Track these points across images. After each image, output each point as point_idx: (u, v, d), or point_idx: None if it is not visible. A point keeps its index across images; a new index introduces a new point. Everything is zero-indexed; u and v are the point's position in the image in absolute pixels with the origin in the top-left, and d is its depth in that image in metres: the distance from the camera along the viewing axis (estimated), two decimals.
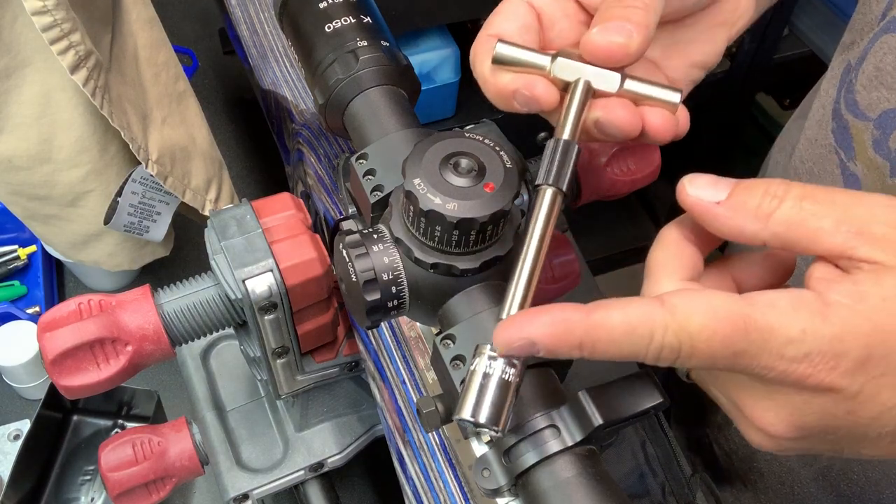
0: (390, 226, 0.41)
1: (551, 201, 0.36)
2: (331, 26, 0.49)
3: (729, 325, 0.30)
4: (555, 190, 0.36)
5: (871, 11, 0.54)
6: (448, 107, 1.17)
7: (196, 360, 0.66)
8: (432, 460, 0.50)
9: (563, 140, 0.37)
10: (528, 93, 0.38)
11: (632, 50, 0.36)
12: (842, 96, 0.54)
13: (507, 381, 0.34)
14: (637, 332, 0.30)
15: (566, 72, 0.38)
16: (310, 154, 0.64)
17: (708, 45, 0.43)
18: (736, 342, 0.30)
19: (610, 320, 0.31)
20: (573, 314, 0.31)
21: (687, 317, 0.30)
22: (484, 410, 0.33)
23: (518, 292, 0.35)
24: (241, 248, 0.48)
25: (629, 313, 0.31)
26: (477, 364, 0.34)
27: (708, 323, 0.30)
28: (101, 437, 0.82)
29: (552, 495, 0.36)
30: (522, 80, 0.38)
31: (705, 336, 0.30)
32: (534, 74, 0.38)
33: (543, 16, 0.41)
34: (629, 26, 0.36)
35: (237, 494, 0.61)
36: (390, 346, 0.54)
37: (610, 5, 0.37)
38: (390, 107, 0.47)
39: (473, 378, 0.34)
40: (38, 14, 0.57)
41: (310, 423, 0.64)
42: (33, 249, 0.91)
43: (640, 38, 0.36)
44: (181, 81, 0.76)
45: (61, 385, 0.47)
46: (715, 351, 0.30)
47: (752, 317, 0.30)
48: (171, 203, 0.78)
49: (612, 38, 0.36)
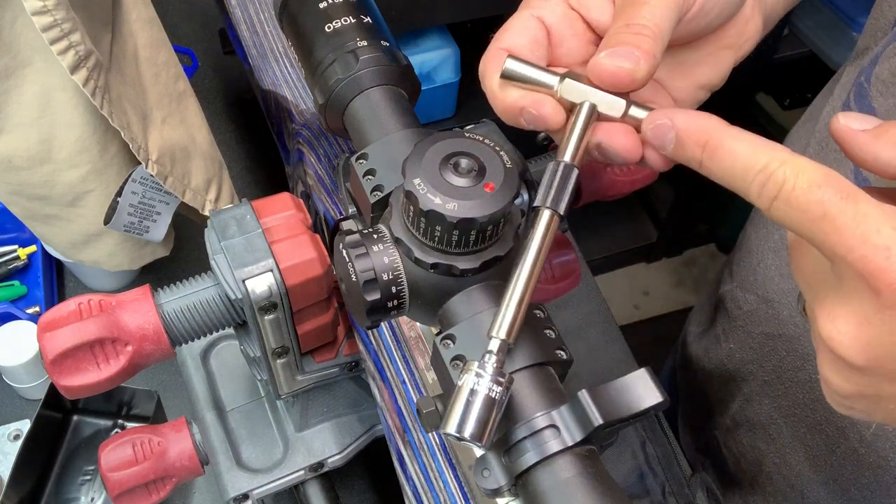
0: (390, 226, 0.41)
1: (547, 223, 0.37)
2: (331, 26, 0.49)
3: (836, 190, 0.31)
4: (552, 212, 0.37)
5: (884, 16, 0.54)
6: (448, 107, 1.17)
7: (196, 360, 0.66)
8: (432, 460, 0.50)
9: (564, 163, 0.38)
10: (535, 112, 0.39)
11: (638, 76, 0.37)
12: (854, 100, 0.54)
13: (493, 398, 0.35)
14: (758, 153, 0.32)
15: (573, 94, 0.39)
16: (310, 154, 0.64)
17: (714, 67, 0.44)
18: (833, 204, 0.30)
19: (742, 135, 0.33)
20: (714, 119, 0.34)
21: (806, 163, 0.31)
22: (469, 426, 0.34)
23: (509, 311, 0.36)
24: (241, 248, 0.48)
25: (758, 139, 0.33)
26: (464, 380, 0.35)
27: (819, 176, 0.31)
28: (101, 437, 0.82)
29: (552, 495, 0.36)
30: (531, 98, 0.39)
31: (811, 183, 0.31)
32: (541, 93, 0.39)
33: (552, 33, 0.41)
34: (637, 53, 0.36)
35: (237, 494, 0.61)
36: (390, 346, 0.54)
37: (618, 30, 0.37)
38: (390, 107, 0.47)
39: (460, 394, 0.35)
40: (38, 14, 0.57)
41: (310, 423, 0.64)
42: (33, 249, 0.91)
43: (647, 66, 0.37)
44: (181, 81, 0.76)
45: (61, 385, 0.47)
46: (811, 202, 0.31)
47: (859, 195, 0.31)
48: (171, 203, 0.78)
49: (620, 62, 0.37)
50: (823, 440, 0.62)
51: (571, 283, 0.60)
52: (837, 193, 0.30)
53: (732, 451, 0.75)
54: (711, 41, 0.43)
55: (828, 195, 0.30)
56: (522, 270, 0.37)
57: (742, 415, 0.73)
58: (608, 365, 0.94)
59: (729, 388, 0.74)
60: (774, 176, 0.31)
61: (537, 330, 0.40)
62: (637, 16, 0.37)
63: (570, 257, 0.59)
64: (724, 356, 0.74)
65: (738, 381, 0.72)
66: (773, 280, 0.66)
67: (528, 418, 0.37)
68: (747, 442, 0.72)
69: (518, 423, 0.37)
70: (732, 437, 0.75)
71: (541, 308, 0.42)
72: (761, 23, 0.44)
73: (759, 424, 0.70)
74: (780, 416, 0.67)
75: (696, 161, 0.34)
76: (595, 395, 0.36)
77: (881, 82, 0.51)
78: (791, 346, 0.64)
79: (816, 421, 0.63)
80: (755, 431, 0.71)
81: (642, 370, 0.37)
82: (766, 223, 0.70)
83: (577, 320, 0.95)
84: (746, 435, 0.72)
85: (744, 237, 0.74)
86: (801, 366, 0.63)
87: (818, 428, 0.62)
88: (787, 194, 0.31)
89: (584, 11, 0.41)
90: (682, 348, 0.86)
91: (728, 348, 0.74)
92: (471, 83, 1.16)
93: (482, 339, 0.39)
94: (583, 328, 0.95)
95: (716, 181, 0.34)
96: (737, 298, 0.72)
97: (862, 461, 0.59)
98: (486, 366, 0.36)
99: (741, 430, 0.73)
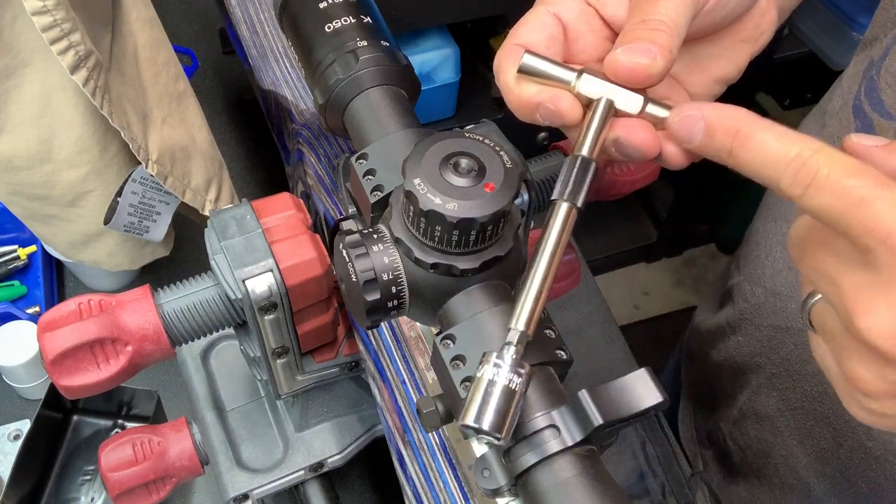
0: (390, 226, 0.41)
1: (566, 216, 0.37)
2: (331, 26, 0.49)
3: (871, 177, 0.30)
4: (570, 205, 0.37)
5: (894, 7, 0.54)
6: (448, 107, 1.17)
7: (196, 360, 0.66)
8: (432, 460, 0.50)
9: (583, 157, 0.38)
10: (552, 107, 0.39)
11: (654, 72, 0.37)
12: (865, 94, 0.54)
13: (513, 389, 0.34)
14: (789, 141, 0.32)
15: (590, 89, 0.38)
16: (310, 154, 0.64)
17: (731, 61, 0.43)
18: (869, 190, 0.30)
19: (773, 126, 0.33)
20: (743, 111, 0.34)
21: (838, 153, 0.31)
22: (487, 417, 0.34)
23: (528, 302, 0.36)
24: (241, 248, 0.48)
25: (788, 130, 0.33)
26: (483, 371, 0.35)
27: (853, 165, 0.31)
28: (101, 437, 0.82)
29: (552, 495, 0.36)
30: (548, 93, 0.39)
31: (845, 172, 0.30)
32: (558, 88, 0.39)
33: (569, 29, 0.41)
34: (654, 48, 0.36)
35: (237, 494, 0.61)
36: (390, 346, 0.54)
37: (634, 26, 0.37)
38: (390, 107, 0.47)
39: (479, 385, 0.35)
40: (38, 14, 0.57)
41: (310, 423, 0.64)
42: (33, 249, 0.91)
43: (663, 62, 0.37)
44: (181, 81, 0.76)
45: (61, 385, 0.47)
46: (847, 188, 0.30)
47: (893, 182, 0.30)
48: (171, 203, 0.78)
49: (636, 58, 0.37)
50: (831, 433, 0.62)
51: (571, 283, 0.60)
52: (873, 180, 0.30)
53: (738, 443, 0.75)
54: (728, 35, 0.43)
55: (863, 182, 0.30)
56: (541, 263, 0.36)
57: (749, 407, 0.73)
58: (608, 365, 0.94)
59: (737, 381, 0.74)
60: (808, 164, 0.31)
61: (537, 330, 0.40)
62: (653, 11, 0.37)
63: (570, 257, 0.59)
64: (733, 349, 0.74)
65: (747, 374, 0.72)
66: (781, 273, 0.66)
67: (528, 418, 0.37)
68: (754, 434, 0.72)
69: (518, 423, 0.37)
70: (739, 428, 0.75)
71: None
72: (776, 15, 0.44)
73: (766, 416, 0.70)
74: (787, 408, 0.67)
75: (726, 151, 0.34)
76: (595, 395, 0.36)
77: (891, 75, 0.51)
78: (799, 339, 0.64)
79: (824, 414, 0.62)
80: (762, 423, 0.71)
81: (642, 370, 0.37)
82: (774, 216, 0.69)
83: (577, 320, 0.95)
84: (753, 427, 0.73)
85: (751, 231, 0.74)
86: (808, 358, 0.63)
87: (825, 421, 0.62)
88: (821, 181, 0.31)
89: (600, 7, 0.41)
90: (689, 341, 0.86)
91: (736, 341, 0.74)
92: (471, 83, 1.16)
93: (482, 339, 0.39)
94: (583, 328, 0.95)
95: (743, 172, 0.34)
96: (744, 292, 0.72)
97: (870, 454, 0.58)
98: (505, 356, 0.35)
99: (748, 421, 0.73)
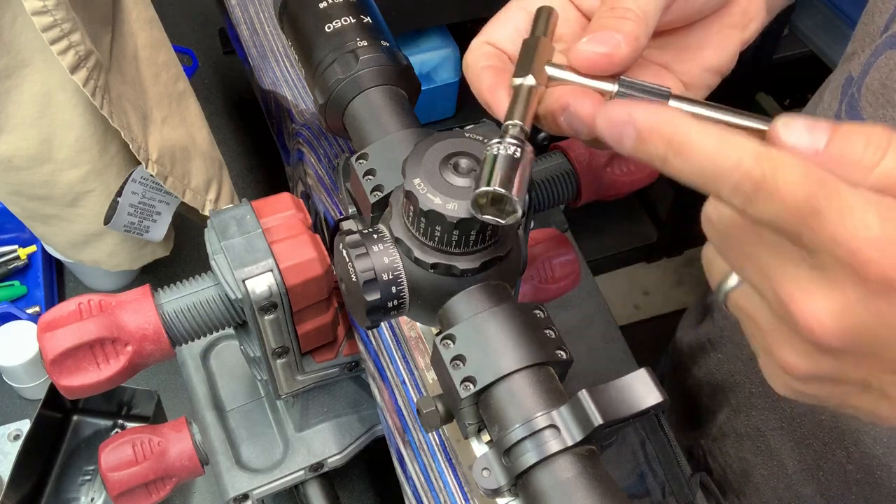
0: (390, 226, 0.41)
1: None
2: (331, 26, 0.49)
3: (818, 181, 0.28)
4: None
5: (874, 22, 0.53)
6: (448, 107, 1.17)
7: (196, 360, 0.66)
8: (432, 460, 0.50)
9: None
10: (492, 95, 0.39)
11: (616, 60, 0.37)
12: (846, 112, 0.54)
13: (515, 157, 0.35)
14: (729, 147, 0.29)
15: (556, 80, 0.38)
16: (310, 154, 0.64)
17: (720, 49, 0.43)
18: (818, 198, 0.28)
19: (709, 130, 0.30)
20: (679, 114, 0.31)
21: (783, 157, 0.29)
22: (496, 180, 0.35)
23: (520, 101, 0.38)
24: (241, 248, 0.48)
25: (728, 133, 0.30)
26: (486, 153, 0.36)
27: (800, 168, 0.28)
28: (101, 437, 0.82)
29: (552, 495, 0.36)
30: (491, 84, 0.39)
31: (793, 178, 0.28)
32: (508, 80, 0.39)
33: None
34: (618, 36, 0.36)
35: (237, 494, 0.61)
36: (390, 346, 0.54)
37: (602, 13, 0.38)
38: (390, 107, 0.47)
39: (485, 163, 0.36)
40: (38, 14, 0.57)
41: (310, 423, 0.64)
42: (33, 249, 0.91)
43: (627, 49, 0.37)
44: (181, 81, 0.76)
45: (61, 385, 0.47)
46: (795, 198, 0.28)
47: (842, 186, 0.28)
48: (171, 203, 0.78)
49: (596, 48, 0.37)
50: (811, 455, 0.62)
51: (571, 283, 0.60)
52: (822, 187, 0.28)
53: (718, 460, 0.74)
54: (715, 21, 0.43)
55: (812, 190, 0.28)
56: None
57: (729, 425, 0.72)
58: (608, 365, 0.94)
59: (717, 398, 0.73)
60: (751, 173, 0.29)
61: (537, 330, 0.40)
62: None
63: (570, 257, 0.59)
64: (713, 366, 0.73)
65: (727, 392, 0.72)
66: None
67: (528, 418, 0.37)
68: (734, 453, 0.72)
69: (518, 422, 0.37)
70: (718, 446, 0.74)
71: (541, 308, 0.42)
72: (764, 2, 0.44)
73: (746, 436, 0.69)
74: (767, 428, 0.66)
75: (660, 159, 0.31)
76: (595, 395, 0.36)
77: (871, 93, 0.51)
78: None
79: (803, 435, 0.62)
80: (742, 442, 0.70)
81: (642, 370, 0.37)
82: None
83: (577, 320, 0.95)
84: (733, 446, 0.72)
85: None
86: None
87: (805, 443, 0.62)
88: (767, 192, 0.29)
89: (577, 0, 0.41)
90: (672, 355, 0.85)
91: (717, 358, 0.73)
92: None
93: (482, 339, 0.39)
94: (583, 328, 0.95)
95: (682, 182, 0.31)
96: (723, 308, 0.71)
97: (850, 477, 0.58)
98: (505, 136, 0.36)
99: (728, 440, 0.72)
